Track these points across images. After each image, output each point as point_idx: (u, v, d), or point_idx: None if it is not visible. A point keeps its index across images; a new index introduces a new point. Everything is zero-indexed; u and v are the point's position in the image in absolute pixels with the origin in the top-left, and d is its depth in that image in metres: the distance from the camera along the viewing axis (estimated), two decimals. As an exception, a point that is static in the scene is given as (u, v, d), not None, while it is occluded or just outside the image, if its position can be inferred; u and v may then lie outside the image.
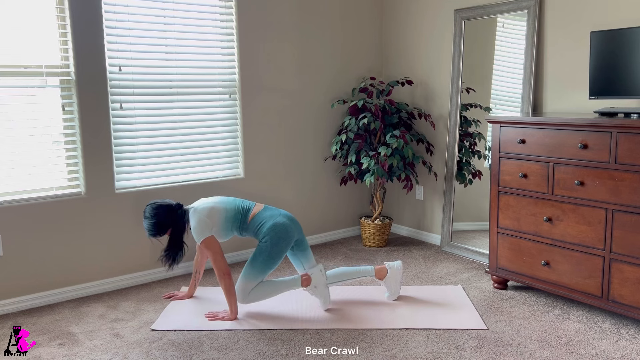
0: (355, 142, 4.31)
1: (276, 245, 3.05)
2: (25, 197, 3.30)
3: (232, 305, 3.06)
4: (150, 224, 3.07)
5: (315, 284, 3.15)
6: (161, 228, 3.09)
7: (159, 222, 3.07)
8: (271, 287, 3.12)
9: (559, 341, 2.80)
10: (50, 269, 3.40)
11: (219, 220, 3.07)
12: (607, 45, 3.14)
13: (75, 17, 3.34)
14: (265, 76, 4.15)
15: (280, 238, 3.06)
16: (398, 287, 3.30)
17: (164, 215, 3.07)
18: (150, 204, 3.12)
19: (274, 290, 3.13)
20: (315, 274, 3.16)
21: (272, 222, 3.08)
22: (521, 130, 3.24)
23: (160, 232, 3.10)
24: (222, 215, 3.08)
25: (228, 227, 3.10)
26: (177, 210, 3.11)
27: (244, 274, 3.06)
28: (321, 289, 3.16)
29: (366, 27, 4.66)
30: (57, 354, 2.75)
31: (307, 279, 3.16)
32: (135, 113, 3.64)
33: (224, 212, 3.09)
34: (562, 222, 3.10)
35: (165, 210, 3.08)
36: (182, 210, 3.12)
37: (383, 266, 3.32)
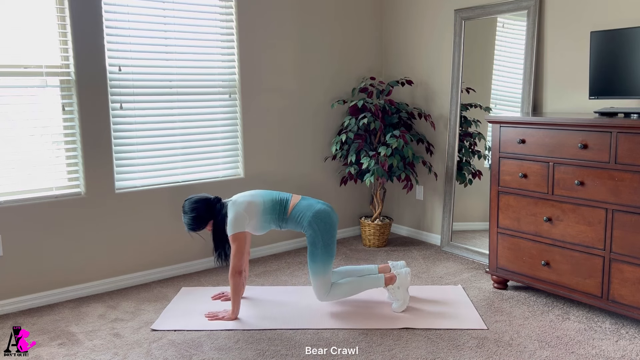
0: (355, 142, 4.31)
1: (325, 231, 3.06)
2: (25, 197, 3.31)
3: (235, 305, 3.07)
4: (190, 218, 3.09)
5: (399, 285, 3.14)
6: (201, 222, 3.10)
7: (199, 216, 3.08)
8: (353, 286, 3.14)
9: (559, 341, 2.80)
10: (50, 269, 3.40)
11: (257, 214, 3.07)
12: (607, 45, 3.14)
13: (75, 17, 3.34)
14: (265, 76, 4.15)
15: (326, 223, 3.07)
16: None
17: (203, 209, 3.09)
18: (188, 199, 3.14)
19: (357, 289, 3.15)
20: (402, 275, 3.15)
21: (313, 210, 3.08)
22: (521, 130, 3.24)
23: (199, 226, 3.12)
24: (260, 208, 3.08)
25: (267, 219, 3.10)
26: (216, 204, 3.12)
27: (313, 272, 3.07)
28: (403, 291, 3.15)
29: (366, 28, 4.66)
30: (57, 354, 2.75)
31: (391, 277, 3.15)
32: (135, 113, 3.64)
33: (262, 205, 3.09)
34: (562, 222, 3.10)
35: (204, 204, 3.10)
36: (221, 204, 3.13)
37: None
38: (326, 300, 3.14)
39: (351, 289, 3.16)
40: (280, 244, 4.36)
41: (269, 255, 4.27)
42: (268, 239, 4.27)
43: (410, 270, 3.22)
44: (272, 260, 4.15)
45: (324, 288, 3.09)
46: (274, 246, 4.33)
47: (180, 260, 3.88)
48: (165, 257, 3.81)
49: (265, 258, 4.20)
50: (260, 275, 3.81)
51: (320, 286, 3.09)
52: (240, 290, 3.08)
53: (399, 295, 3.14)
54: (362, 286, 3.17)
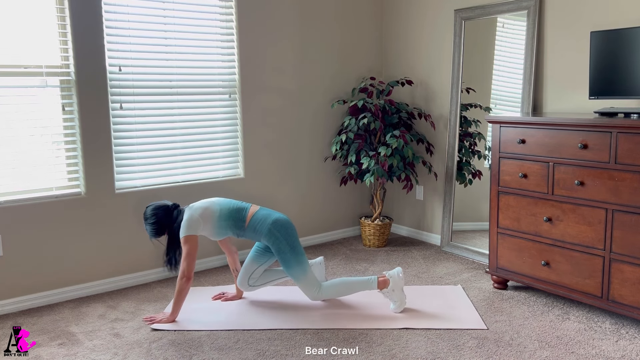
0: (355, 142, 4.31)
1: (287, 235, 3.08)
2: (25, 197, 3.31)
3: (177, 307, 3.04)
4: (151, 224, 3.09)
5: (393, 288, 3.14)
6: (162, 229, 3.10)
7: (159, 223, 3.08)
8: (345, 287, 3.15)
9: (559, 341, 2.81)
10: (50, 269, 3.40)
11: (213, 220, 3.07)
12: (607, 45, 3.14)
13: (75, 17, 3.34)
14: (265, 76, 4.15)
15: (286, 228, 3.09)
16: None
17: (163, 216, 3.08)
18: (149, 206, 3.13)
19: (348, 290, 3.17)
20: (394, 277, 3.15)
21: (272, 219, 3.09)
22: (521, 130, 3.24)
23: (160, 232, 3.11)
24: (216, 215, 3.08)
25: (222, 226, 3.10)
26: (174, 211, 3.12)
27: (295, 277, 3.09)
28: (398, 292, 3.14)
29: (366, 27, 4.66)
30: (57, 354, 2.75)
31: (384, 281, 3.14)
32: (135, 113, 3.64)
33: (218, 212, 3.09)
34: (562, 222, 3.10)
35: (163, 211, 3.10)
36: (179, 210, 3.13)
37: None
38: (318, 298, 3.15)
39: (343, 289, 3.17)
40: (280, 244, 4.35)
41: (269, 255, 4.27)
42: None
43: (401, 270, 3.20)
44: (272, 260, 4.15)
45: (311, 286, 3.11)
46: (274, 246, 4.32)
47: (180, 260, 3.88)
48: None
49: (265, 258, 4.20)
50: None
51: (307, 286, 3.11)
52: (184, 294, 3.03)
53: (395, 297, 3.14)
54: (354, 287, 3.17)
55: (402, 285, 3.16)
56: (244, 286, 3.28)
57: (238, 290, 3.37)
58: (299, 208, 4.44)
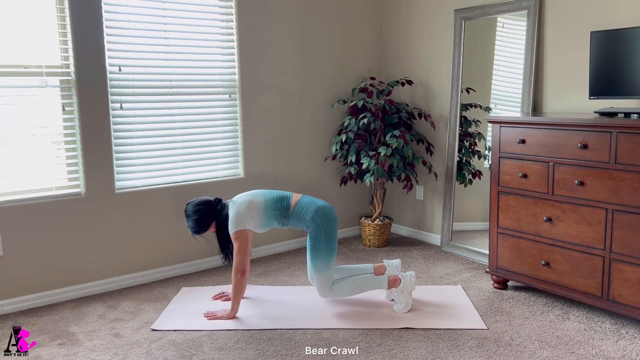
0: (355, 142, 4.31)
1: (328, 226, 3.08)
2: (25, 197, 3.30)
3: (235, 304, 3.07)
4: (193, 221, 3.11)
5: (403, 289, 3.14)
6: (204, 224, 3.13)
7: (201, 219, 3.11)
8: (356, 284, 3.15)
9: (559, 341, 2.81)
10: (50, 269, 3.40)
11: (259, 212, 3.09)
12: (607, 45, 3.14)
13: (75, 17, 3.34)
14: (265, 76, 4.15)
15: (329, 218, 3.10)
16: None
17: (205, 212, 3.11)
18: (190, 202, 3.16)
19: (359, 288, 3.16)
20: (406, 279, 3.15)
21: (315, 206, 3.10)
22: (521, 130, 3.24)
23: (203, 229, 3.14)
24: (262, 206, 3.10)
25: (269, 217, 3.11)
26: (217, 205, 3.14)
27: (316, 268, 3.08)
28: (406, 295, 3.15)
29: (366, 27, 4.66)
30: (57, 354, 2.75)
31: (395, 280, 3.15)
32: (135, 113, 3.64)
33: (264, 203, 3.11)
34: (562, 222, 3.10)
35: (206, 207, 3.12)
36: (222, 205, 3.15)
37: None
38: (328, 296, 3.15)
39: (354, 287, 3.16)
40: (280, 243, 4.36)
41: (269, 255, 4.27)
42: (268, 239, 4.27)
43: (415, 274, 3.21)
44: (272, 260, 4.15)
45: (327, 284, 3.11)
46: (274, 246, 4.33)
47: (180, 260, 3.88)
48: (165, 257, 3.81)
49: (265, 258, 4.20)
50: (260, 275, 3.81)
51: (323, 282, 3.10)
52: (242, 289, 3.09)
53: (402, 298, 3.14)
54: (366, 286, 3.18)
55: (412, 289, 3.17)
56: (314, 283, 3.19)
57: None
58: (299, 208, 4.43)
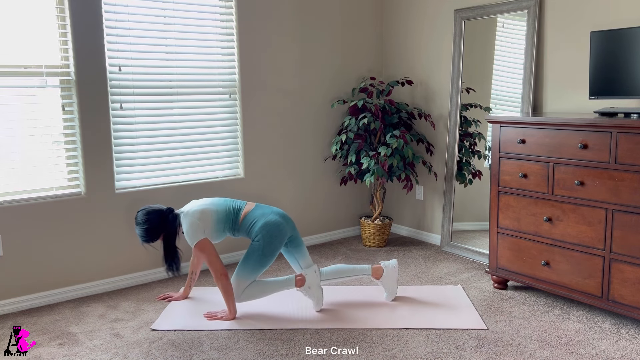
0: (355, 142, 4.31)
1: (269, 243, 3.05)
2: (25, 197, 3.30)
3: (231, 306, 3.07)
4: (143, 229, 3.04)
5: (309, 285, 3.14)
6: (153, 233, 3.06)
7: (151, 228, 3.04)
8: (264, 287, 3.12)
9: (559, 341, 2.81)
10: (50, 269, 3.40)
11: (211, 222, 3.06)
12: (607, 45, 3.14)
13: (75, 17, 3.34)
14: (265, 76, 4.15)
15: (272, 236, 3.06)
16: (395, 286, 3.28)
17: (156, 221, 3.04)
18: (141, 210, 3.09)
19: (267, 290, 3.13)
20: (310, 274, 3.16)
21: (263, 221, 3.07)
22: (521, 130, 3.24)
23: (153, 237, 3.07)
24: (214, 216, 3.07)
25: (220, 228, 3.09)
26: (169, 215, 3.08)
27: (237, 273, 3.07)
28: (315, 289, 3.15)
29: (366, 27, 4.66)
30: (57, 354, 2.75)
31: (301, 279, 3.15)
32: (135, 113, 3.64)
33: (215, 213, 3.08)
34: (562, 222, 3.10)
35: (156, 216, 3.05)
36: (174, 215, 3.09)
37: (379, 266, 3.31)
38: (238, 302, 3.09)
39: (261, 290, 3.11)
40: (280, 244, 4.35)
41: (269, 255, 4.27)
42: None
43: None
44: (272, 260, 4.15)
45: (236, 290, 3.05)
46: (274, 246, 4.32)
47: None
48: (165, 257, 3.81)
49: (265, 258, 4.20)
50: (260, 276, 3.80)
51: (235, 288, 3.05)
52: (230, 291, 3.04)
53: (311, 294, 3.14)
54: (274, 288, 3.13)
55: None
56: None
57: (185, 290, 3.39)
58: (299, 208, 4.43)
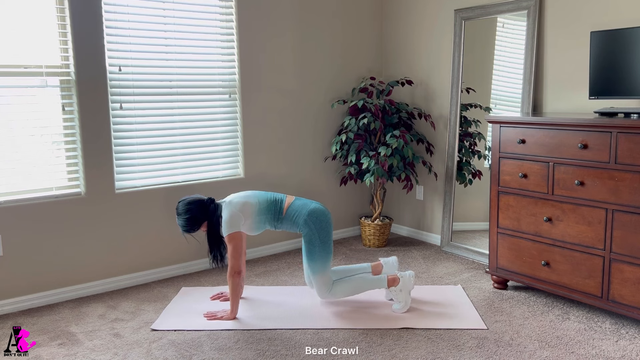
0: (355, 142, 4.31)
1: (321, 229, 3.07)
2: (25, 197, 3.30)
3: (234, 305, 3.07)
4: (185, 219, 3.07)
5: (402, 288, 3.14)
6: (195, 223, 3.09)
7: (193, 218, 3.06)
8: (356, 285, 3.15)
9: (559, 341, 2.81)
10: (50, 269, 3.40)
11: (252, 214, 3.07)
12: (607, 45, 3.14)
13: (75, 17, 3.34)
14: (265, 76, 4.15)
15: (322, 221, 3.08)
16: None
17: (197, 211, 3.07)
18: (182, 200, 3.12)
19: (359, 288, 3.16)
20: (406, 278, 3.15)
21: (308, 209, 3.08)
22: (521, 130, 3.24)
23: (194, 227, 3.10)
24: (255, 208, 3.07)
25: (262, 220, 3.10)
26: (210, 205, 3.11)
27: (313, 271, 3.08)
28: (405, 294, 3.15)
29: (366, 27, 4.66)
30: (57, 354, 2.75)
31: (394, 279, 3.15)
32: (135, 113, 3.64)
33: (257, 205, 3.08)
34: (562, 222, 3.10)
35: (198, 206, 3.08)
36: (215, 205, 3.12)
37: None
38: (328, 298, 3.15)
39: (354, 288, 3.16)
40: (280, 244, 4.36)
41: (269, 255, 4.27)
42: (268, 239, 4.27)
43: (414, 274, 3.21)
44: (272, 260, 4.15)
45: (325, 286, 3.10)
46: (274, 246, 4.33)
47: (180, 260, 3.88)
48: (165, 257, 3.81)
49: (265, 258, 4.20)
50: (260, 275, 3.81)
51: (322, 283, 3.10)
52: (239, 290, 3.09)
53: (401, 297, 3.14)
54: (365, 286, 3.18)
55: (411, 288, 3.17)
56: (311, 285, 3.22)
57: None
58: (299, 208, 4.43)
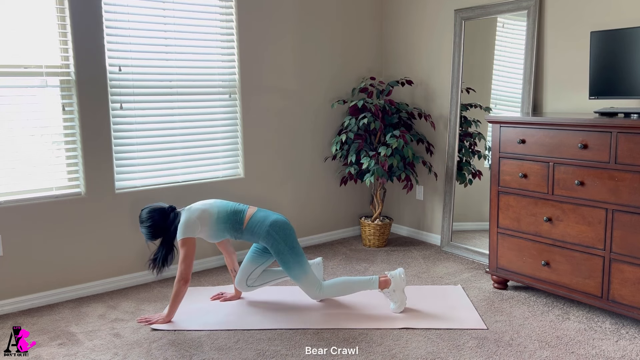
0: (355, 142, 4.31)
1: (286, 236, 3.07)
2: (25, 197, 3.30)
3: (172, 310, 3.04)
4: (147, 227, 3.06)
5: (394, 288, 3.14)
6: (158, 231, 3.08)
7: (155, 226, 3.06)
8: (346, 286, 3.16)
9: (559, 341, 2.81)
10: (50, 269, 3.40)
11: (210, 222, 3.06)
12: (607, 45, 3.14)
13: (75, 17, 3.34)
14: (265, 76, 4.15)
15: (284, 229, 3.08)
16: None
17: (159, 219, 3.06)
18: (144, 209, 3.11)
19: (349, 289, 3.17)
20: (396, 277, 3.15)
21: (269, 221, 3.08)
22: (521, 130, 3.24)
23: (157, 235, 3.09)
24: (214, 218, 3.07)
25: (220, 229, 3.09)
26: (170, 213, 3.10)
27: (295, 278, 3.10)
28: (399, 293, 3.15)
29: (366, 27, 4.66)
30: (57, 354, 2.75)
31: (385, 281, 3.15)
32: (135, 113, 3.64)
33: (216, 214, 3.08)
34: (562, 222, 3.10)
35: (159, 214, 3.07)
36: (175, 213, 3.11)
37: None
38: (319, 297, 3.17)
39: (344, 288, 3.17)
40: (280, 244, 4.35)
41: (269, 255, 4.27)
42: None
43: (403, 271, 3.20)
44: (272, 260, 4.15)
45: (312, 286, 3.12)
46: (274, 246, 4.32)
47: (180, 260, 3.88)
48: (165, 257, 3.81)
49: (265, 258, 4.20)
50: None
51: (308, 286, 3.12)
52: (181, 297, 3.02)
53: (396, 297, 3.14)
54: (356, 287, 3.18)
55: (404, 286, 3.16)
56: (242, 287, 3.27)
57: (236, 290, 3.37)
58: (299, 208, 4.44)
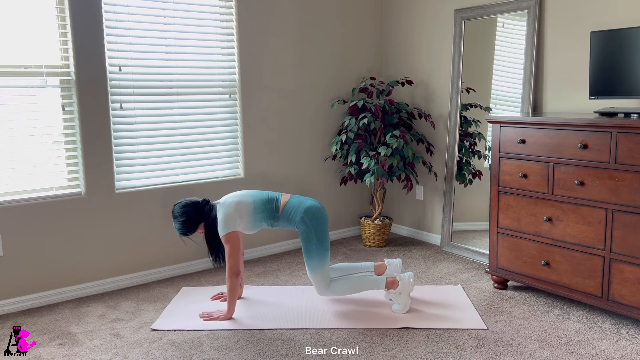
0: (355, 142, 4.31)
1: (318, 226, 3.07)
2: (25, 197, 3.30)
3: (231, 305, 3.07)
4: (181, 222, 3.08)
5: (401, 291, 3.14)
6: (191, 226, 3.10)
7: (189, 220, 3.08)
8: (354, 284, 3.16)
9: (559, 341, 2.81)
10: (50, 269, 3.40)
11: (248, 213, 3.07)
12: (607, 45, 3.14)
13: (75, 17, 3.34)
14: (265, 76, 4.15)
15: (317, 218, 3.08)
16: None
17: (192, 213, 3.08)
18: (177, 203, 3.13)
19: (356, 287, 3.17)
20: (405, 280, 3.15)
21: (304, 207, 3.09)
22: (521, 130, 3.24)
23: (190, 230, 3.11)
24: (251, 207, 3.08)
25: (257, 218, 3.10)
26: (205, 206, 3.11)
27: (311, 268, 3.08)
28: (405, 296, 3.15)
29: (366, 27, 4.66)
30: (57, 354, 2.75)
31: (393, 281, 3.15)
32: (135, 113, 3.64)
33: (252, 204, 3.09)
34: (562, 222, 3.10)
35: (193, 208, 3.09)
36: (210, 206, 3.12)
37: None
38: (326, 294, 3.16)
39: (352, 287, 3.17)
40: (280, 243, 4.36)
41: (269, 255, 4.27)
42: (268, 239, 4.27)
43: (413, 275, 3.20)
44: (272, 260, 4.15)
45: (323, 282, 3.11)
46: (274, 246, 4.33)
47: (180, 260, 3.88)
48: (165, 257, 3.81)
49: (265, 258, 4.20)
50: (260, 275, 3.81)
51: (319, 281, 3.11)
52: (237, 290, 3.08)
53: (401, 300, 3.14)
54: (363, 286, 3.18)
55: (410, 290, 3.16)
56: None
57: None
58: (299, 208, 4.43)
